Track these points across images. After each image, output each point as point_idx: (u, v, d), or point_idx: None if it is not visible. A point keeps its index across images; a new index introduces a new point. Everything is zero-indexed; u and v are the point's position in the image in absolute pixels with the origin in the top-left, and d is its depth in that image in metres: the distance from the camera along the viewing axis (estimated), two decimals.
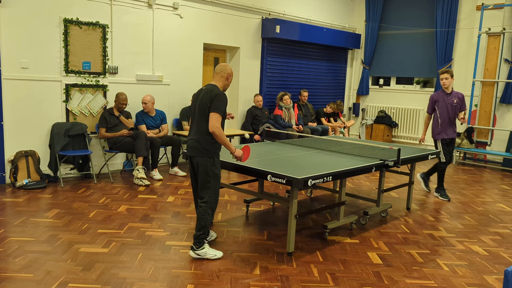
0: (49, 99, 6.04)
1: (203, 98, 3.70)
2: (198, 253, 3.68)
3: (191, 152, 3.77)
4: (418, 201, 5.86)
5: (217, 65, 3.90)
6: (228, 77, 3.85)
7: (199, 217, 3.70)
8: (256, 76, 8.69)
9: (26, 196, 5.34)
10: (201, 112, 3.70)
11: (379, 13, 10.14)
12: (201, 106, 3.69)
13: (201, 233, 3.69)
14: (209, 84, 3.82)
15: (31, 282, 3.18)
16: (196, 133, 3.73)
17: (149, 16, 6.92)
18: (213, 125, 3.58)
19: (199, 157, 3.70)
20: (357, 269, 3.66)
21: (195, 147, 3.72)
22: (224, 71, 3.82)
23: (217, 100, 3.62)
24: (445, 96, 5.88)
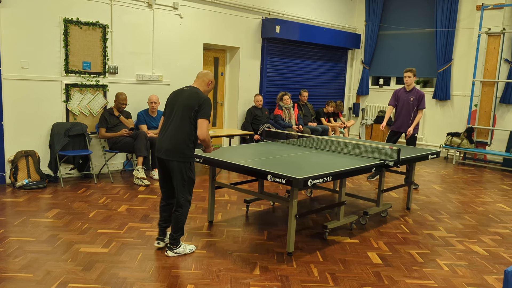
0: (49, 99, 6.04)
1: (189, 100, 3.58)
2: (177, 251, 3.72)
3: (167, 156, 3.59)
4: (418, 201, 5.86)
5: (200, 71, 3.87)
6: (209, 84, 3.79)
7: (177, 221, 3.67)
8: (256, 76, 8.69)
9: (26, 196, 5.34)
10: (184, 113, 3.56)
11: (379, 13, 10.14)
12: (186, 107, 3.56)
13: (178, 234, 3.71)
14: (192, 86, 3.73)
15: (31, 282, 3.18)
16: (175, 136, 3.58)
17: (149, 16, 6.92)
18: (205, 133, 3.54)
19: (176, 161, 3.57)
20: (357, 269, 3.66)
21: (172, 150, 3.57)
22: (206, 76, 3.79)
23: (206, 106, 3.56)
24: (404, 93, 6.45)
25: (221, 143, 8.57)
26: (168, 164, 3.63)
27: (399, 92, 6.55)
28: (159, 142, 3.66)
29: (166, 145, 3.58)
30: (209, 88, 3.81)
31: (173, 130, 3.58)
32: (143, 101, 6.87)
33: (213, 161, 4.18)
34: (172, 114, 3.63)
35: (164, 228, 3.90)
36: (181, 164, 3.58)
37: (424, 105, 6.42)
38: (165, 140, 3.60)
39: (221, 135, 7.24)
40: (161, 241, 3.90)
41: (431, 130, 9.63)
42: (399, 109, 6.51)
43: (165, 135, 3.63)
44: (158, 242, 3.90)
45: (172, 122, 3.61)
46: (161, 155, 3.62)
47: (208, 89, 3.81)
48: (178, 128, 3.56)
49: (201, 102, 3.55)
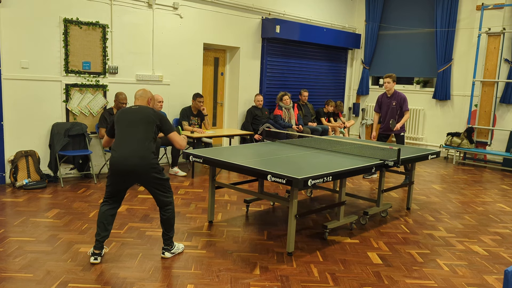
0: (49, 99, 6.04)
1: (148, 117, 3.58)
2: (173, 252, 3.74)
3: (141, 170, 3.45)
4: (418, 201, 5.86)
5: (137, 91, 3.84)
6: (149, 101, 3.80)
7: (169, 218, 3.65)
8: (256, 76, 8.69)
9: (26, 196, 5.34)
10: (147, 129, 3.55)
11: (379, 13, 10.14)
12: (146, 124, 3.55)
13: (171, 233, 3.72)
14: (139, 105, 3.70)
15: (31, 282, 3.18)
16: (140, 150, 3.46)
17: (149, 16, 6.92)
18: (182, 143, 3.76)
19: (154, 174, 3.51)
20: (357, 269, 3.66)
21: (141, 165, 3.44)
22: (144, 96, 3.79)
23: (166, 120, 3.70)
24: (386, 98, 6.59)
25: (221, 143, 8.57)
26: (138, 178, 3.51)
27: (381, 98, 6.70)
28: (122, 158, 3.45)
29: (136, 161, 3.44)
30: (150, 106, 3.80)
31: (137, 144, 3.48)
32: None
33: (213, 161, 4.18)
34: (128, 131, 3.53)
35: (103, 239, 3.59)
36: (153, 175, 3.52)
37: (407, 107, 6.53)
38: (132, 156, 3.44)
39: (221, 135, 7.25)
40: (99, 256, 3.58)
41: (431, 130, 9.64)
42: (384, 114, 6.65)
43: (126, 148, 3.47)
44: (95, 258, 3.56)
45: (132, 138, 3.50)
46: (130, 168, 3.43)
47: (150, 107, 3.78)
48: (142, 143, 3.49)
49: (160, 117, 3.65)
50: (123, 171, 3.47)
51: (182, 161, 7.43)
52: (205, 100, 8.20)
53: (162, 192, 3.62)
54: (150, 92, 3.87)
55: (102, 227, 3.56)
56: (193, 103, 7.15)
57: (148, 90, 3.87)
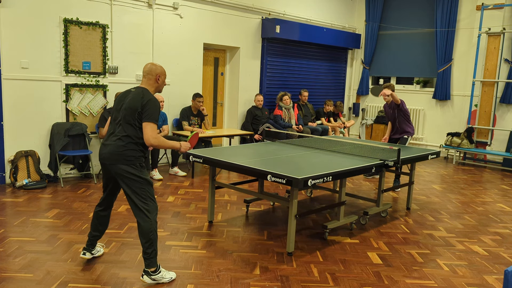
0: (49, 99, 6.04)
1: (132, 102, 3.19)
2: (155, 278, 3.23)
3: (111, 160, 3.20)
4: (418, 201, 5.86)
5: (144, 66, 3.37)
6: (157, 78, 3.34)
7: (147, 231, 3.18)
8: (256, 76, 8.69)
9: (26, 196, 5.34)
10: (127, 116, 3.19)
11: (379, 13, 10.14)
12: (129, 110, 3.19)
13: (152, 250, 3.21)
14: (138, 87, 3.32)
15: (31, 282, 3.18)
16: (119, 139, 3.20)
17: (149, 16, 6.92)
18: (150, 137, 3.15)
19: (123, 166, 3.18)
20: (357, 269, 3.66)
21: (117, 154, 3.18)
22: (152, 72, 3.32)
23: (149, 107, 3.17)
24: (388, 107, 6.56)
25: (221, 143, 8.57)
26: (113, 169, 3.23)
27: (385, 107, 6.62)
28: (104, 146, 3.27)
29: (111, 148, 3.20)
30: (160, 83, 3.37)
31: (117, 133, 3.23)
32: None
33: (213, 161, 4.18)
34: (116, 117, 3.29)
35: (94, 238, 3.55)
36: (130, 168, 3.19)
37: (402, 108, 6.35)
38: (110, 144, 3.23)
39: (221, 135, 7.25)
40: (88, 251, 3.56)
41: (431, 130, 9.64)
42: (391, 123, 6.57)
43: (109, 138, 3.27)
44: (84, 253, 3.54)
45: (116, 124, 3.27)
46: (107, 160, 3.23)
47: (160, 84, 3.37)
48: (123, 132, 3.20)
49: (144, 103, 3.17)
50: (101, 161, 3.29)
51: (182, 161, 7.43)
52: (205, 100, 8.20)
53: (136, 192, 3.20)
54: (159, 68, 3.36)
55: (93, 226, 3.54)
56: (193, 103, 7.15)
57: (158, 65, 3.37)
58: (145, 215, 3.20)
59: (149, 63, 3.37)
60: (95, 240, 3.59)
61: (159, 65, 3.38)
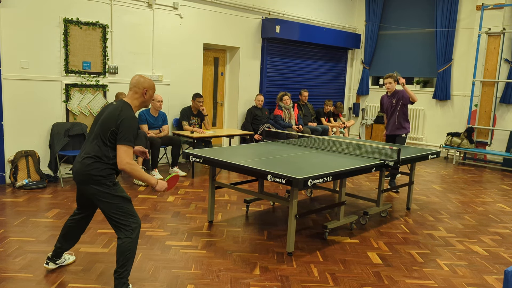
0: (49, 99, 6.04)
1: (107, 118, 2.89)
2: None
3: (80, 180, 2.94)
4: (418, 201, 5.86)
5: (132, 78, 3.09)
6: (144, 92, 3.04)
7: (125, 249, 2.92)
8: (256, 76, 8.69)
9: (26, 196, 5.34)
10: (100, 133, 2.91)
11: (379, 13, 10.14)
12: (102, 127, 2.90)
13: (125, 269, 2.96)
14: (120, 100, 3.03)
15: (31, 282, 3.18)
16: (87, 158, 2.91)
17: (149, 16, 6.92)
18: (122, 161, 2.84)
19: (94, 186, 2.91)
20: (357, 269, 3.66)
21: (85, 174, 2.90)
22: (139, 85, 3.03)
23: (124, 127, 2.85)
24: (387, 98, 6.44)
25: (221, 143, 8.57)
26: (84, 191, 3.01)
27: (383, 98, 6.53)
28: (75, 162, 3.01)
29: (79, 167, 2.94)
30: (147, 98, 3.07)
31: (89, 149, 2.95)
32: None
33: (213, 161, 4.18)
34: (91, 134, 3.00)
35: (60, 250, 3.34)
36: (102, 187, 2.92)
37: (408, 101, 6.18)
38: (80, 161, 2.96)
39: (221, 135, 7.25)
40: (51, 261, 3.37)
41: (431, 130, 9.64)
42: (388, 115, 6.47)
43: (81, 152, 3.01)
44: (47, 263, 3.36)
45: (90, 139, 2.99)
46: (76, 178, 2.99)
47: (147, 99, 3.09)
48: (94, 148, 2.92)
49: (119, 122, 2.85)
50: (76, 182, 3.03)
51: (182, 161, 7.43)
52: (205, 100, 8.20)
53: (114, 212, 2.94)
54: (148, 81, 3.07)
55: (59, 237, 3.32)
56: (192, 103, 7.15)
57: (146, 78, 3.08)
58: (126, 231, 2.96)
59: (137, 75, 3.12)
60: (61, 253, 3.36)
61: (148, 78, 3.10)
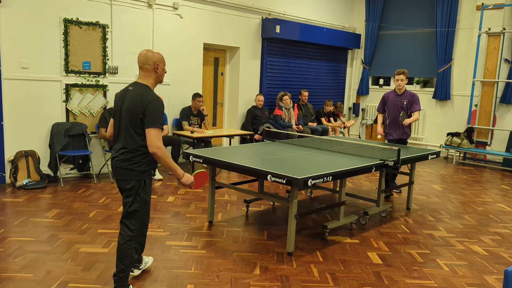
0: (49, 99, 6.04)
1: (132, 106, 2.84)
2: None
3: (117, 174, 2.95)
4: (418, 201, 5.86)
5: (139, 55, 2.94)
6: (156, 67, 2.94)
7: (122, 254, 2.94)
8: (256, 76, 8.69)
9: (26, 196, 5.34)
10: (128, 123, 2.87)
11: (379, 13, 10.14)
12: (130, 116, 2.85)
13: (124, 274, 2.95)
14: (136, 84, 2.94)
15: (31, 282, 3.18)
16: (122, 150, 2.91)
17: (149, 16, 6.92)
18: (154, 145, 2.78)
19: (126, 180, 2.92)
20: (357, 269, 3.66)
21: (121, 167, 2.91)
22: (148, 60, 2.91)
23: (150, 110, 2.79)
24: (396, 97, 5.84)
25: (221, 143, 8.57)
26: (119, 184, 3.01)
27: (388, 96, 5.89)
28: (112, 159, 3.00)
29: (116, 162, 2.94)
30: (159, 72, 2.97)
31: (121, 142, 2.93)
32: None
33: (213, 161, 4.18)
34: (119, 122, 2.95)
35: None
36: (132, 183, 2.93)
37: (420, 107, 5.84)
38: (115, 156, 2.96)
39: (221, 135, 7.25)
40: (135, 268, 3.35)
41: (431, 130, 9.63)
42: (392, 115, 5.85)
43: (115, 148, 2.98)
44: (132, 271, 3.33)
45: (120, 131, 2.95)
46: (114, 175, 3.00)
47: (159, 74, 2.99)
48: (125, 140, 2.90)
49: (145, 106, 2.80)
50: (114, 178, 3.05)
51: (182, 161, 7.43)
52: (205, 100, 8.20)
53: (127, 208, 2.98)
54: (157, 54, 2.95)
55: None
56: (192, 103, 7.15)
57: (154, 52, 2.96)
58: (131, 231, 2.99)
59: (144, 50, 2.98)
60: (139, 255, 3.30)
61: (156, 51, 2.98)
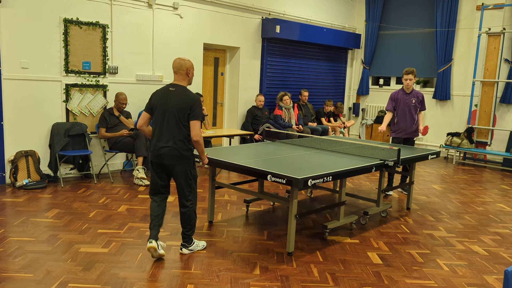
0: (49, 99, 6.04)
1: (179, 102, 3.51)
2: (191, 249, 3.79)
3: (171, 161, 3.55)
4: (418, 201, 5.86)
5: (174, 61, 3.63)
6: (188, 72, 3.63)
7: (188, 218, 3.71)
8: (256, 76, 8.69)
9: (26, 196, 5.34)
10: (177, 117, 3.51)
11: (379, 13, 10.14)
12: (179, 111, 3.50)
13: (190, 232, 3.76)
14: (176, 85, 3.60)
15: (31, 282, 3.18)
16: (172, 140, 3.53)
17: (149, 16, 6.92)
18: (198, 134, 3.51)
19: (179, 164, 3.57)
20: (357, 269, 3.66)
21: (175, 155, 3.54)
22: (182, 67, 3.60)
23: (197, 107, 3.51)
24: (404, 96, 5.98)
25: (221, 143, 8.57)
26: (172, 169, 3.60)
27: (397, 95, 6.03)
28: (157, 148, 3.56)
29: (169, 150, 3.53)
30: (190, 76, 3.67)
31: (171, 134, 3.53)
32: (143, 101, 6.86)
33: (213, 161, 4.18)
34: (164, 118, 3.54)
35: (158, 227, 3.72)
36: (185, 165, 3.59)
37: (425, 107, 6.08)
38: (165, 146, 3.54)
39: (221, 135, 7.24)
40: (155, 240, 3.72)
41: (431, 130, 9.61)
42: (401, 113, 5.96)
43: (161, 139, 3.56)
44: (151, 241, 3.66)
45: (165, 125, 3.55)
46: (166, 161, 3.55)
47: (190, 78, 3.68)
48: (175, 132, 3.52)
49: (192, 103, 3.51)
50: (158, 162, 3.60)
51: None
52: (205, 100, 8.20)
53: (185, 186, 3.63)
54: (188, 62, 3.62)
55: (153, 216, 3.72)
56: None
57: (186, 59, 3.62)
58: (190, 204, 3.66)
59: (178, 58, 3.62)
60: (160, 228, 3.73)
61: (187, 59, 3.62)
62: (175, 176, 3.63)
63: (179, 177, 3.61)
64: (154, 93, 3.67)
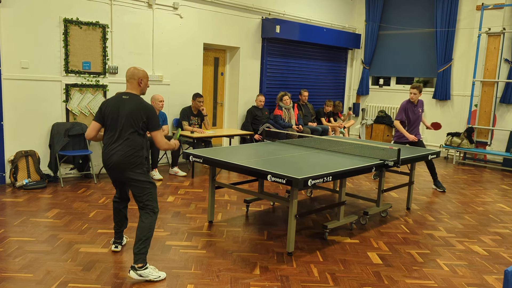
0: (49, 99, 6.05)
1: (133, 110, 3.35)
2: (141, 274, 3.25)
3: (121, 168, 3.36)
4: (418, 201, 5.86)
5: (127, 70, 3.50)
6: (140, 82, 3.46)
7: (146, 227, 3.34)
8: (256, 76, 8.69)
9: (26, 196, 5.34)
10: (131, 124, 3.35)
11: (379, 13, 10.14)
12: (133, 118, 3.34)
13: (143, 247, 3.31)
14: (129, 94, 3.44)
15: (31, 282, 3.18)
16: (125, 147, 3.35)
17: (149, 16, 6.92)
18: (163, 145, 3.44)
19: (132, 172, 3.37)
20: (357, 269, 3.66)
21: (126, 162, 3.35)
22: (134, 76, 3.44)
23: (153, 117, 3.40)
24: (412, 106, 6.54)
25: (221, 143, 8.57)
26: (124, 175, 3.41)
27: (406, 105, 6.51)
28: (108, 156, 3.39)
29: (118, 158, 3.35)
30: (142, 86, 3.50)
31: (122, 142, 3.36)
32: None
33: (213, 161, 4.18)
34: (117, 125, 3.38)
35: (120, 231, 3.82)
36: (138, 173, 3.39)
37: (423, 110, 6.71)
38: (116, 153, 3.36)
39: (221, 135, 7.25)
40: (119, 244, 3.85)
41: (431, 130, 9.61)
42: (412, 122, 6.50)
43: (112, 145, 3.39)
44: (116, 246, 3.82)
45: (120, 134, 3.38)
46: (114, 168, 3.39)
47: (142, 88, 3.50)
48: (128, 140, 3.36)
49: (148, 113, 3.38)
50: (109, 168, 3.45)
51: (182, 161, 7.43)
52: (205, 100, 8.20)
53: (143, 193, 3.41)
54: (141, 71, 3.47)
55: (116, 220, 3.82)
56: (193, 103, 7.15)
57: (140, 69, 3.48)
58: (150, 213, 3.43)
59: (132, 67, 3.50)
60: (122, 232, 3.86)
61: (141, 69, 3.50)
62: (128, 184, 3.46)
63: (131, 184, 3.41)
64: (104, 102, 3.51)
